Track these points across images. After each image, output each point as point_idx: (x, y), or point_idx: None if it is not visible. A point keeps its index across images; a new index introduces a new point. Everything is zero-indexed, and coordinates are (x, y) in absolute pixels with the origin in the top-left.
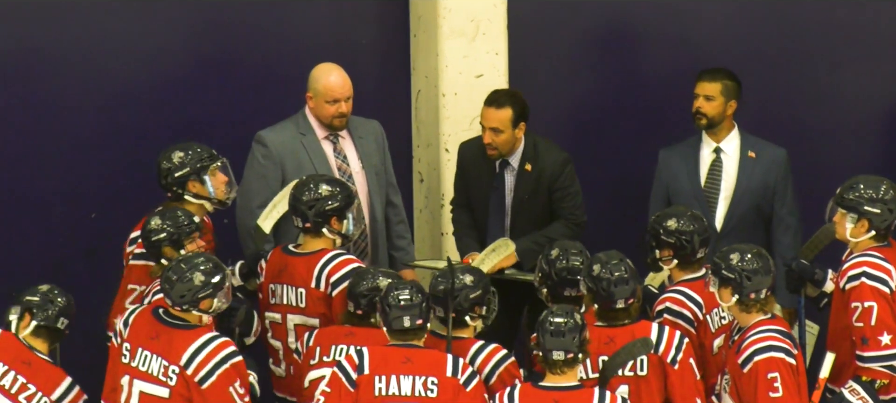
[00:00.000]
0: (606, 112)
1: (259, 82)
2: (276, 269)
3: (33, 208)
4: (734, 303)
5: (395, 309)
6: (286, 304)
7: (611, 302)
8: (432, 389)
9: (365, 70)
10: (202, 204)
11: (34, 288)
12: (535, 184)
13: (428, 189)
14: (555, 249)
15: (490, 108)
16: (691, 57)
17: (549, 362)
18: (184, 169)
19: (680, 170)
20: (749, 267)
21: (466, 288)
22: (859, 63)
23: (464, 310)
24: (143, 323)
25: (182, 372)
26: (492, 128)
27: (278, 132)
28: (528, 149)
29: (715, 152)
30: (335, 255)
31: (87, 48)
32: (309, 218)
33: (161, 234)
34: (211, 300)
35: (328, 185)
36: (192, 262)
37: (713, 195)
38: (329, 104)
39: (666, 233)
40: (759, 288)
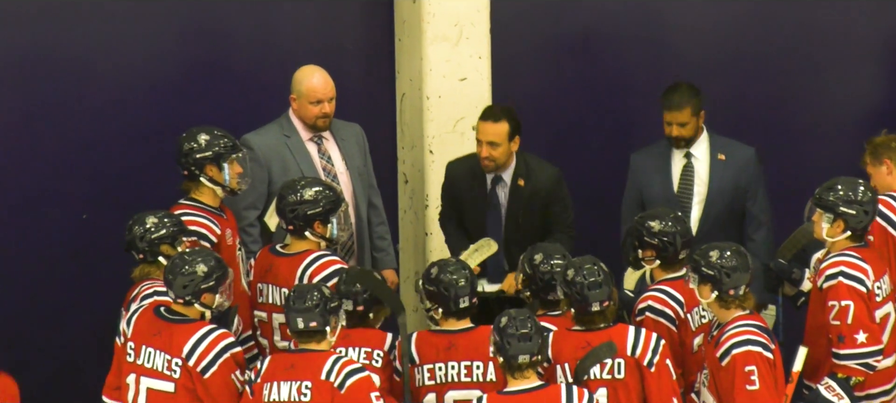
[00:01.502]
0: (587, 114)
1: (246, 85)
2: (263, 268)
3: (24, 209)
4: (714, 300)
5: (290, 311)
6: (272, 303)
7: (586, 306)
8: (306, 394)
9: (350, 73)
10: (214, 190)
11: None
12: (529, 199)
13: (412, 190)
14: (538, 254)
15: (487, 122)
16: (672, 60)
17: (515, 366)
18: (206, 152)
19: (652, 176)
20: (728, 265)
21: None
22: (838, 66)
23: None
24: (146, 321)
25: (184, 364)
26: (489, 141)
27: (263, 135)
28: (519, 165)
29: (686, 157)
30: (318, 257)
31: (79, 52)
32: (292, 220)
33: (161, 231)
34: (213, 295)
35: (314, 189)
36: (194, 255)
37: (687, 199)
38: (312, 105)
39: (649, 234)
40: (737, 284)
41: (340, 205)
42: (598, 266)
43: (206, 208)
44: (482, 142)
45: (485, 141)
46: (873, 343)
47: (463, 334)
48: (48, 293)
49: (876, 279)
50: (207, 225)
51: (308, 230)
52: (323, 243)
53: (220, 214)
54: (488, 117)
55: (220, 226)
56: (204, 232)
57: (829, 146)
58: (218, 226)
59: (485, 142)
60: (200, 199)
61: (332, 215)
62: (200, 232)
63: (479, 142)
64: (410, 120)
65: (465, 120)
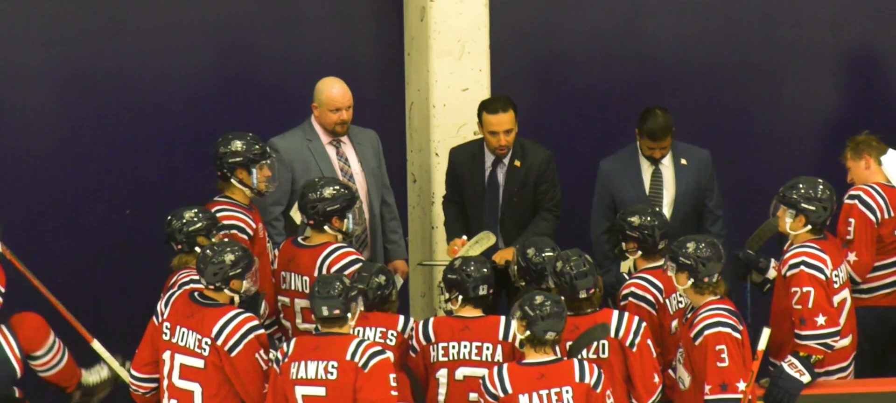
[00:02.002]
0: (576, 122)
1: (272, 95)
2: (286, 258)
3: (75, 205)
4: (690, 286)
5: (315, 298)
6: (294, 290)
7: (574, 294)
8: (332, 372)
9: (364, 84)
10: (244, 191)
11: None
12: (523, 178)
13: (420, 189)
14: (530, 248)
15: (499, 114)
16: (656, 73)
17: (541, 341)
18: (238, 157)
19: (624, 182)
20: (704, 255)
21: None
22: (798, 78)
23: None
24: (181, 304)
25: (213, 344)
26: (506, 130)
27: (288, 139)
28: (516, 148)
29: (653, 164)
30: (336, 248)
31: (123, 65)
32: (312, 215)
33: (198, 224)
34: (240, 281)
35: (332, 188)
36: (223, 246)
37: (657, 201)
38: (332, 112)
39: (630, 228)
40: (711, 272)
41: (355, 203)
42: (583, 257)
43: (239, 205)
44: (498, 132)
45: (502, 130)
46: (831, 325)
47: (476, 320)
48: (96, 280)
49: (834, 268)
50: (244, 220)
51: (326, 224)
52: (340, 236)
53: (251, 210)
54: (498, 109)
55: (254, 220)
56: (242, 225)
57: (789, 150)
58: (253, 220)
59: (502, 131)
60: (233, 197)
61: (348, 211)
62: (238, 225)
63: (494, 133)
64: (418, 126)
65: (466, 126)
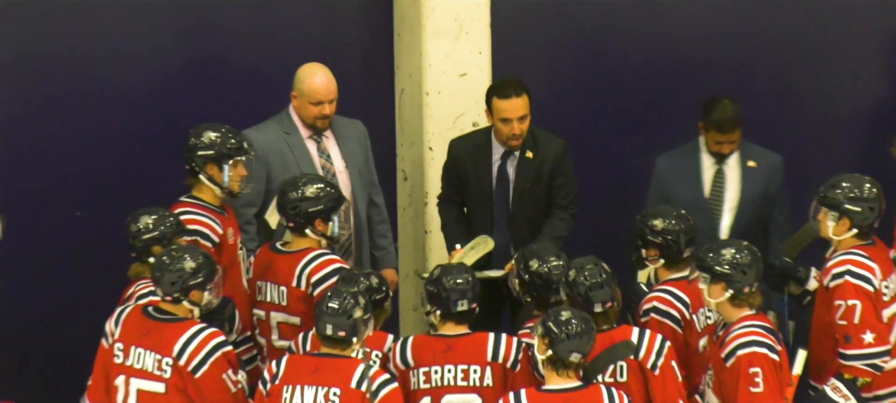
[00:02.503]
0: (589, 111)
1: (245, 82)
2: (262, 266)
3: (22, 206)
4: (726, 299)
5: (322, 314)
6: (270, 302)
7: (588, 307)
8: (334, 401)
9: (349, 69)
10: (213, 190)
11: None
12: (537, 171)
13: (412, 187)
14: (532, 259)
15: (512, 100)
16: (674, 56)
17: (564, 363)
18: (208, 150)
19: (681, 181)
20: (744, 262)
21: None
22: (840, 64)
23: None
24: (134, 321)
25: (175, 364)
26: (520, 117)
27: (263, 131)
28: (528, 138)
29: (717, 164)
30: (318, 255)
31: (77, 48)
32: (293, 217)
33: (152, 232)
34: (201, 291)
35: (316, 187)
36: (182, 251)
37: (717, 206)
38: (313, 105)
39: (652, 233)
40: (751, 282)
41: (342, 204)
42: (599, 266)
43: (207, 206)
44: (512, 119)
45: (515, 117)
46: (881, 343)
47: (461, 338)
48: (46, 291)
49: (883, 278)
50: (208, 224)
51: (309, 227)
52: (323, 241)
53: (221, 212)
54: (510, 93)
55: (222, 225)
56: (205, 231)
57: (832, 144)
58: (220, 225)
59: (515, 118)
60: (201, 197)
61: (334, 213)
62: (202, 231)
63: (506, 121)
64: (410, 116)
65: (465, 116)
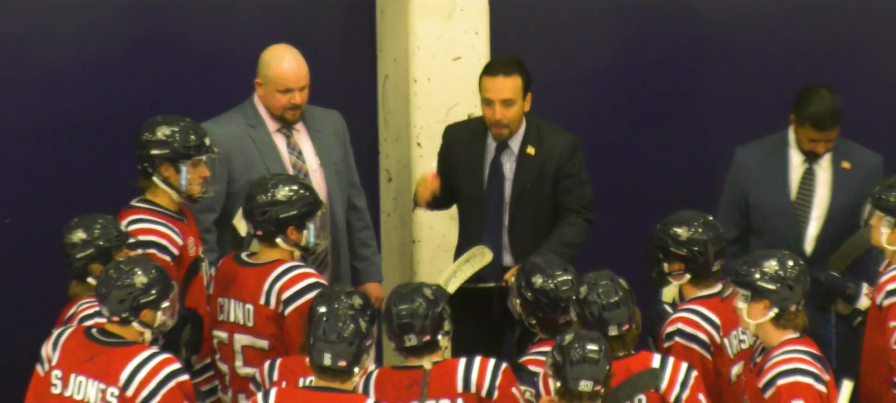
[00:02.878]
0: (601, 99)
1: (202, 66)
2: (225, 280)
3: None
4: (769, 320)
5: (318, 341)
6: (233, 322)
7: (602, 329)
8: None
9: (324, 52)
10: (169, 193)
11: None
12: (539, 170)
13: (397, 190)
14: (536, 275)
15: (497, 77)
16: (706, 39)
17: (574, 394)
18: (163, 148)
19: (764, 179)
20: (790, 275)
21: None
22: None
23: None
24: (75, 345)
25: (122, 395)
26: (503, 100)
27: (223, 125)
28: (530, 131)
29: (807, 162)
30: (289, 268)
31: (7, 29)
32: (261, 224)
33: (88, 249)
34: (154, 311)
35: (288, 189)
36: (132, 263)
37: (804, 212)
38: (280, 94)
39: (676, 244)
40: (799, 299)
41: (319, 209)
42: (615, 282)
43: (163, 212)
44: (493, 101)
45: (497, 100)
46: None
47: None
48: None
49: None
50: (165, 234)
51: (280, 236)
52: (296, 252)
53: (180, 219)
54: (497, 71)
55: (182, 234)
56: (162, 242)
57: (887, 141)
58: (179, 235)
59: (497, 101)
60: (156, 201)
61: (309, 219)
62: (158, 242)
63: (489, 102)
64: (395, 107)
65: (459, 107)
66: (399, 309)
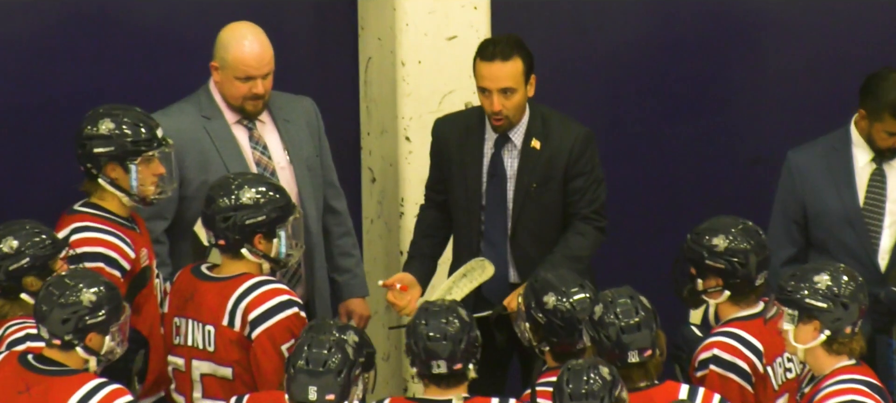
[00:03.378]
0: (620, 84)
1: (151, 46)
2: (182, 298)
3: None
4: (821, 343)
5: (300, 374)
6: (191, 346)
7: (620, 356)
8: None
9: (296, 30)
10: (119, 196)
11: None
12: (546, 167)
13: (382, 191)
14: (548, 294)
15: (494, 63)
16: (736, 12)
17: None
18: (107, 145)
19: (826, 184)
20: (845, 293)
21: None
22: None
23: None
24: (7, 374)
25: None
26: (502, 89)
27: (174, 117)
28: (534, 121)
29: (875, 162)
30: (257, 283)
31: None
32: (224, 233)
33: (21, 260)
34: (102, 336)
35: (255, 190)
36: (79, 279)
37: (875, 219)
38: (239, 82)
39: (712, 255)
40: (854, 320)
41: (291, 214)
42: (636, 301)
43: (112, 219)
44: (491, 90)
45: (495, 89)
46: None
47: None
48: None
49: None
50: (116, 246)
51: (246, 246)
52: (265, 265)
53: (132, 227)
54: (495, 55)
55: (134, 245)
56: (112, 255)
57: None
58: (131, 246)
59: (495, 90)
60: (104, 206)
61: (280, 226)
62: (108, 255)
63: (485, 91)
64: (379, 95)
65: (454, 94)
66: (428, 330)
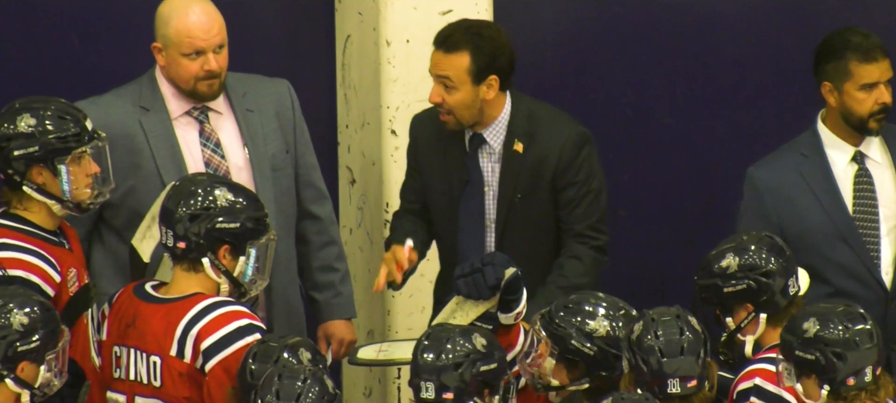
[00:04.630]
0: (647, 77)
1: (83, 26)
2: (122, 322)
3: None
4: (827, 400)
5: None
6: (134, 380)
7: (660, 384)
8: None
9: (261, 5)
10: (47, 204)
11: None
12: (531, 173)
13: (363, 193)
14: (597, 320)
15: (438, 51)
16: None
17: None
18: (29, 146)
19: (802, 197)
20: (837, 337)
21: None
22: None
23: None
24: None
25: None
26: (440, 76)
27: (105, 106)
28: (518, 121)
29: (856, 161)
30: (212, 305)
31: None
32: (185, 236)
33: None
34: (36, 365)
35: (232, 194)
36: (7, 298)
37: (870, 229)
38: (187, 60)
39: (726, 279)
40: (859, 367)
41: (266, 234)
42: (684, 322)
43: (34, 234)
44: (434, 78)
45: (435, 75)
46: None
47: None
48: None
49: None
50: (37, 268)
51: (209, 255)
52: (224, 286)
53: (59, 243)
54: (441, 43)
55: (60, 265)
56: (33, 278)
57: None
58: (57, 269)
59: (435, 76)
60: (27, 218)
61: (252, 243)
62: (28, 278)
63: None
64: (360, 80)
65: None
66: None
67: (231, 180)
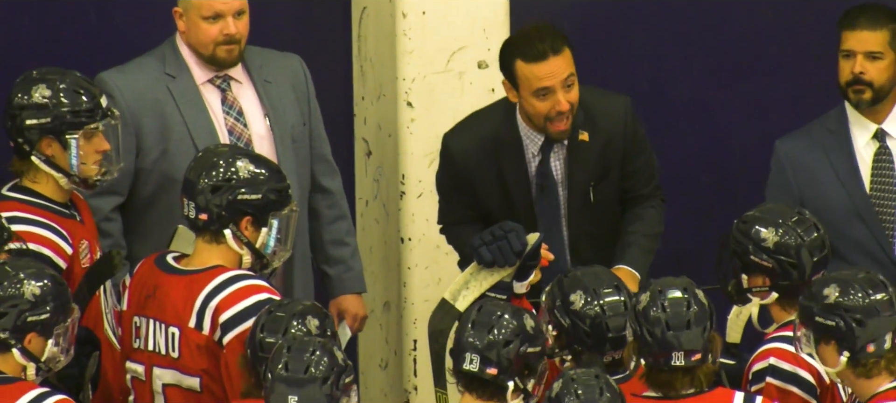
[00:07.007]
0: (673, 53)
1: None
2: (142, 293)
3: None
4: (846, 366)
5: (278, 383)
6: (153, 351)
7: (664, 356)
8: None
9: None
10: (55, 177)
11: None
12: (601, 158)
13: (379, 168)
14: (576, 293)
15: (549, 60)
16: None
17: None
18: (42, 116)
19: (822, 173)
20: (857, 304)
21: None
22: None
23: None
24: None
25: None
26: (565, 81)
27: (130, 74)
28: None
29: (877, 139)
30: (232, 278)
31: None
32: (209, 207)
33: None
34: (44, 338)
35: (254, 165)
36: (19, 268)
37: (887, 208)
38: (207, 23)
39: (758, 251)
40: (879, 334)
41: (289, 202)
42: (691, 294)
43: (45, 206)
44: (554, 89)
45: (559, 83)
46: None
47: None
48: None
49: None
50: (48, 240)
51: (231, 227)
52: (246, 257)
53: (70, 215)
54: (546, 51)
55: (71, 237)
56: (44, 251)
57: None
58: (67, 240)
59: (560, 85)
60: (37, 190)
61: (274, 214)
62: (38, 251)
63: (547, 92)
64: (376, 52)
65: (464, 51)
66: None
67: (253, 151)
